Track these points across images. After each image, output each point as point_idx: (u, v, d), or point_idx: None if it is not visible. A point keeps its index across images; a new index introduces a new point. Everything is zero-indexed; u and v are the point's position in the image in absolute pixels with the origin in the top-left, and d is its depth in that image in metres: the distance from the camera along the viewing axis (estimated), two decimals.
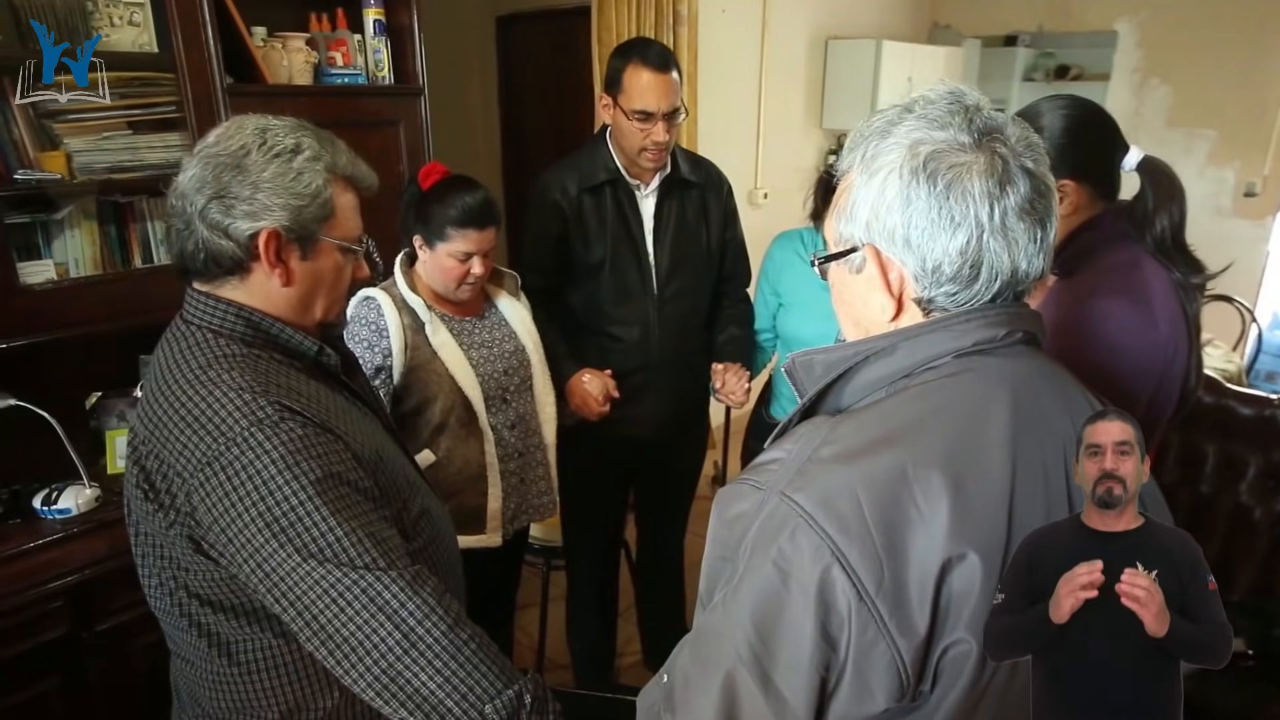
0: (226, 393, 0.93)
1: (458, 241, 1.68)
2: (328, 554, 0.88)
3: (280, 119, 1.04)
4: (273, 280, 1.01)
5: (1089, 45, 5.92)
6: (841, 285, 0.83)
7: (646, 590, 2.50)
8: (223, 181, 0.97)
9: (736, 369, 1.98)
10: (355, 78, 2.16)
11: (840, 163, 0.83)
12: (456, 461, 1.76)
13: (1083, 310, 1.22)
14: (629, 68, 1.81)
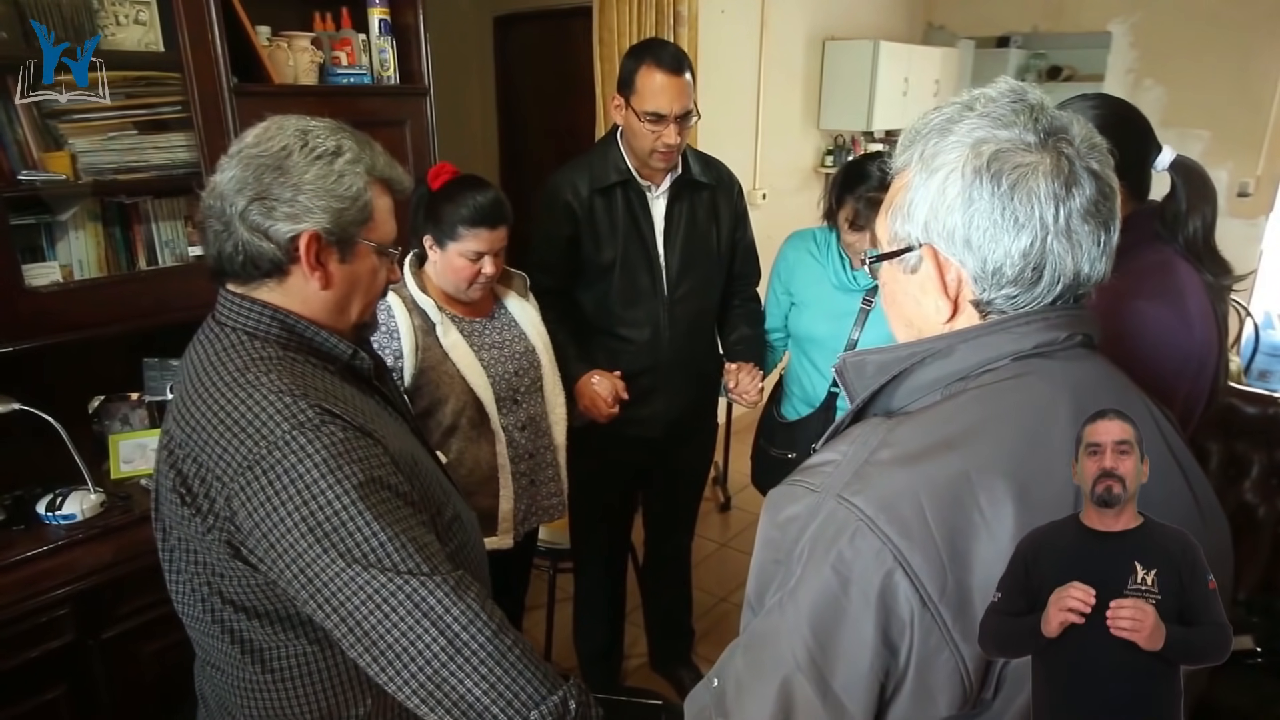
0: (267, 395, 0.91)
1: (469, 241, 1.66)
2: (372, 559, 0.87)
3: (319, 120, 1.03)
4: (311, 283, 1.00)
5: (1081, 46, 5.96)
6: (894, 285, 0.82)
7: (653, 592, 2.49)
8: (264, 183, 0.96)
9: (749, 368, 1.97)
10: (361, 77, 2.14)
11: (894, 160, 0.82)
12: (468, 463, 1.74)
13: (1119, 311, 1.22)
14: (642, 69, 1.80)
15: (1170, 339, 1.19)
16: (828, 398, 2.10)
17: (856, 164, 1.94)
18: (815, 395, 2.11)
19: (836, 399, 2.10)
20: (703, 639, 2.69)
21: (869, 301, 2.03)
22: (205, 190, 0.99)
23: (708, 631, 2.77)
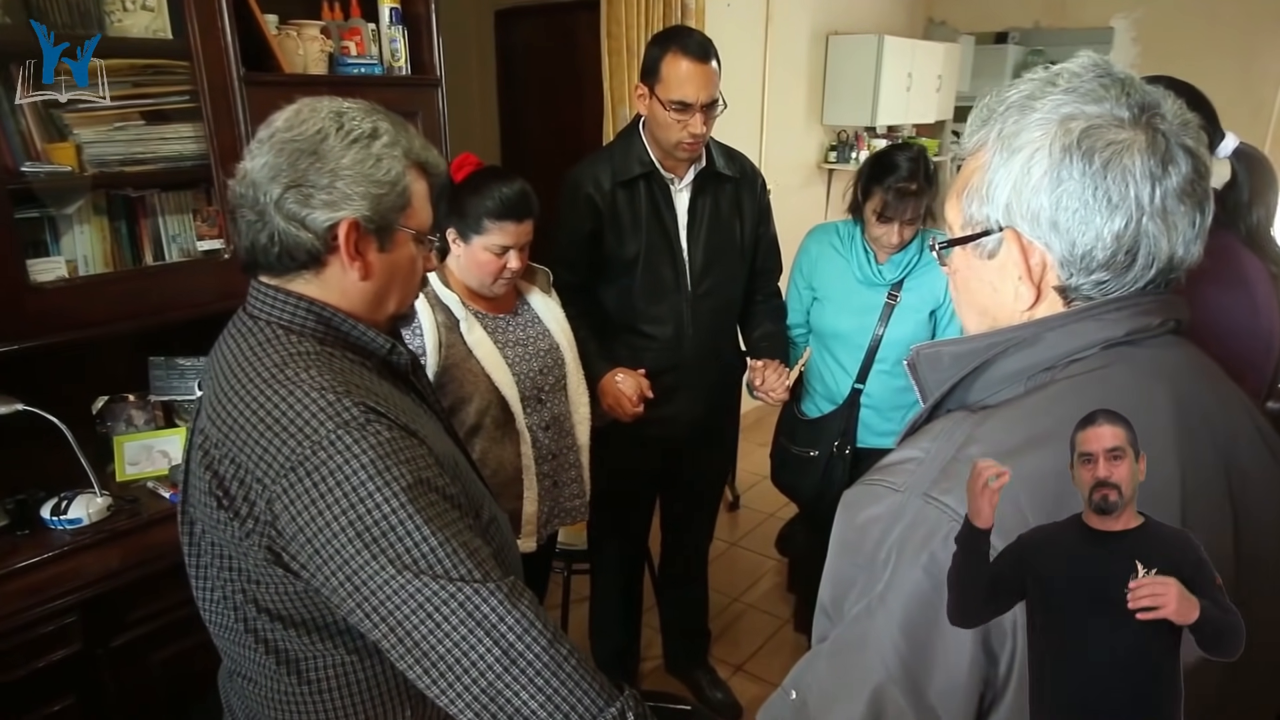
0: (309, 392, 0.86)
1: (495, 234, 1.61)
2: (422, 565, 0.82)
3: (352, 101, 0.98)
4: (350, 274, 0.95)
5: (1080, 43, 5.96)
6: (967, 272, 0.78)
7: (669, 594, 2.44)
8: (299, 169, 0.91)
9: (776, 365, 1.93)
10: (371, 68, 2.08)
11: (965, 140, 0.78)
12: (491, 464, 1.69)
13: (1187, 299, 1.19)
14: (667, 56, 1.75)
15: (1239, 325, 1.16)
16: (851, 394, 2.06)
17: (884, 154, 1.90)
18: (838, 392, 2.08)
19: (860, 395, 2.06)
20: (717, 640, 2.65)
21: (894, 296, 2.00)
22: (235, 178, 0.94)
23: (721, 632, 2.73)
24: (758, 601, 2.93)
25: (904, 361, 0.81)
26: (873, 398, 2.05)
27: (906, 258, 1.97)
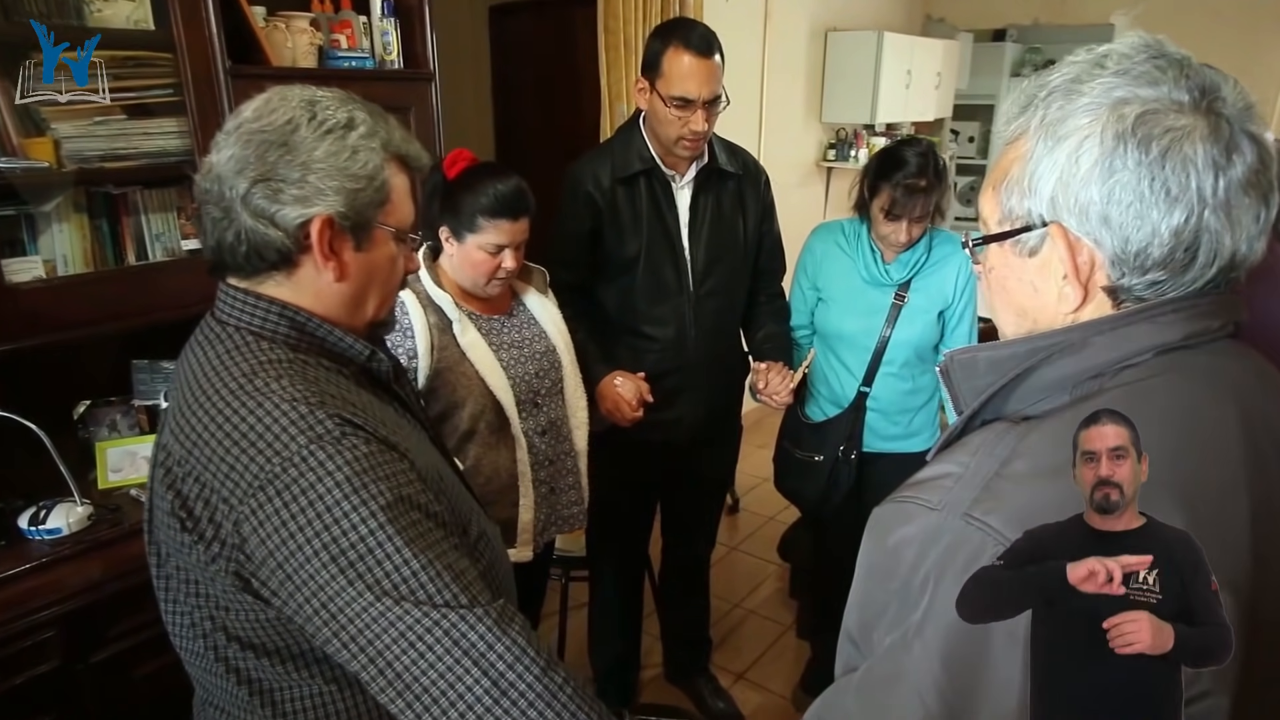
0: (280, 404, 0.80)
1: (489, 233, 1.55)
2: (404, 590, 0.76)
3: (326, 89, 0.92)
4: (324, 275, 0.89)
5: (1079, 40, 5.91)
6: (1004, 270, 0.72)
7: (670, 602, 2.39)
8: (268, 162, 0.85)
9: (779, 368, 1.87)
10: (363, 61, 2.02)
11: (1003, 127, 0.72)
12: (486, 470, 1.63)
13: None
14: (669, 50, 1.70)
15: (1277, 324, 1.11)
16: (857, 397, 2.01)
17: (892, 150, 1.85)
18: (844, 395, 2.02)
19: (867, 399, 2.01)
20: (718, 648, 2.60)
21: (901, 297, 1.94)
22: (200, 173, 0.88)
23: (723, 640, 2.67)
24: (759, 607, 2.88)
25: (936, 368, 0.76)
26: (879, 401, 2.00)
27: (914, 257, 1.92)
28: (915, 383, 2.01)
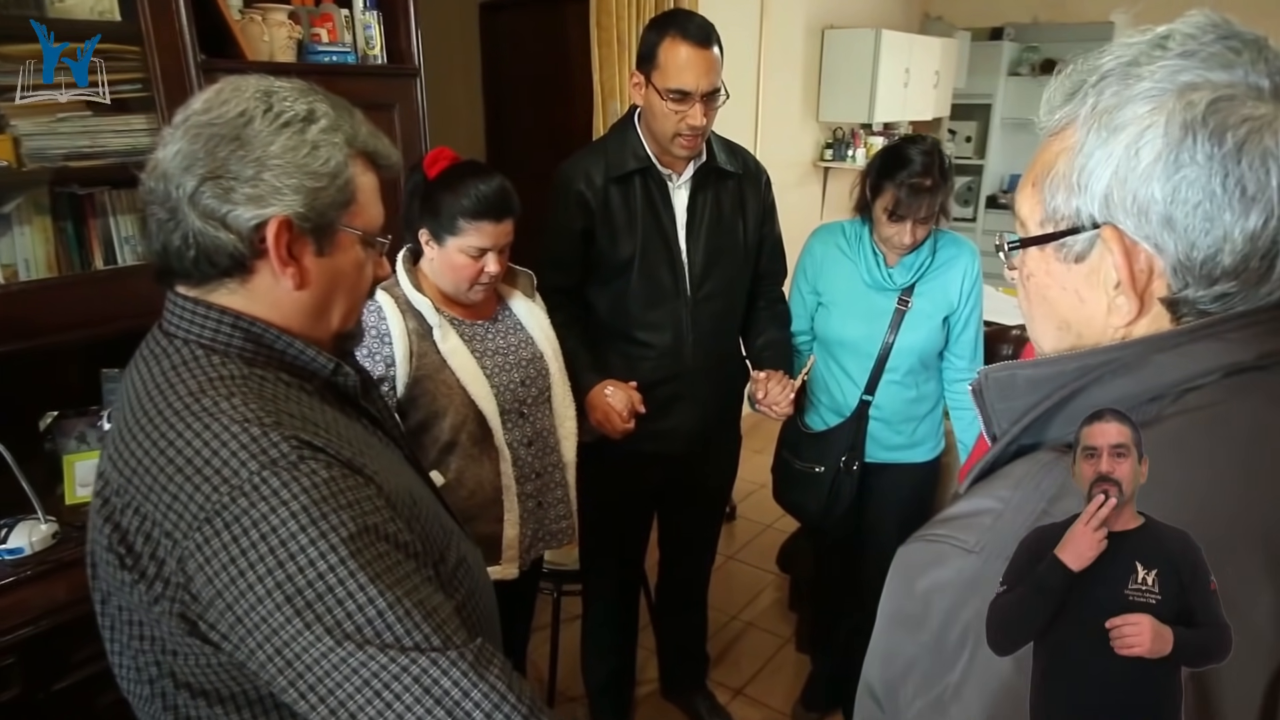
0: (229, 426, 0.72)
1: (471, 235, 1.47)
2: (368, 633, 0.68)
3: (285, 80, 0.85)
4: (282, 282, 0.81)
5: (1079, 38, 5.86)
6: (1045, 278, 0.64)
7: (667, 617, 2.30)
8: (218, 157, 0.77)
9: (779, 377, 1.79)
10: (344, 56, 1.94)
11: (1045, 116, 0.65)
12: (469, 484, 1.55)
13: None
14: (665, 41, 1.62)
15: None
16: (859, 406, 1.93)
17: (895, 148, 1.77)
18: (845, 404, 1.95)
19: (869, 407, 1.93)
20: (716, 662, 2.52)
21: (905, 301, 1.87)
22: (145, 170, 0.80)
23: (721, 654, 2.59)
24: (757, 619, 2.80)
25: (968, 386, 0.68)
26: (882, 410, 1.92)
27: (918, 260, 1.84)
28: (919, 390, 1.93)
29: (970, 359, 1.94)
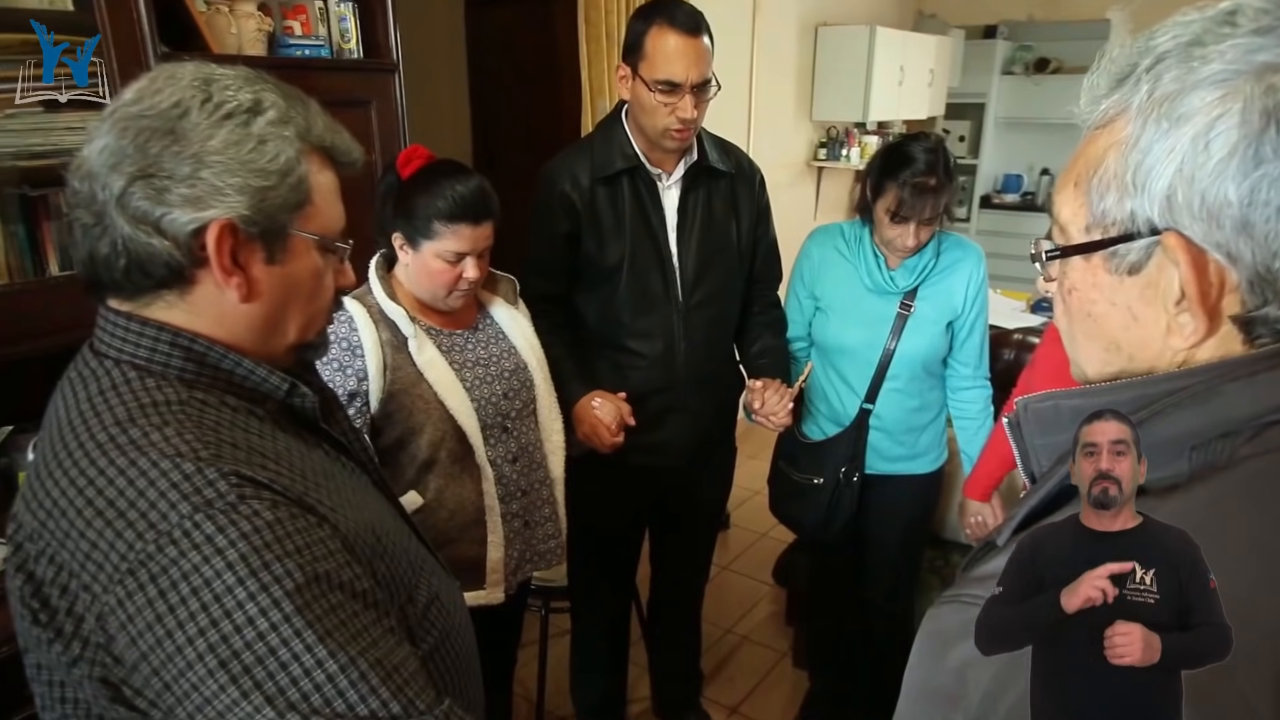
0: (158, 462, 0.64)
1: (448, 239, 1.38)
2: (315, 701, 0.60)
3: (228, 67, 0.76)
4: (227, 293, 0.72)
5: (1074, 36, 5.80)
6: (1091, 292, 0.56)
7: (660, 636, 2.21)
8: (150, 154, 0.68)
9: (777, 386, 1.70)
10: (318, 49, 1.84)
11: (1087, 107, 0.56)
12: (449, 504, 1.46)
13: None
14: (652, 30, 1.53)
15: None
16: (859, 415, 1.85)
17: (897, 146, 1.69)
18: (844, 413, 1.86)
19: (869, 417, 1.85)
20: (711, 679, 2.43)
21: (907, 306, 1.78)
22: (70, 169, 0.71)
23: (715, 670, 2.51)
24: (752, 633, 2.71)
25: (1004, 420, 0.60)
26: (883, 419, 1.83)
27: (921, 263, 1.76)
28: (922, 399, 1.85)
29: (975, 366, 1.86)
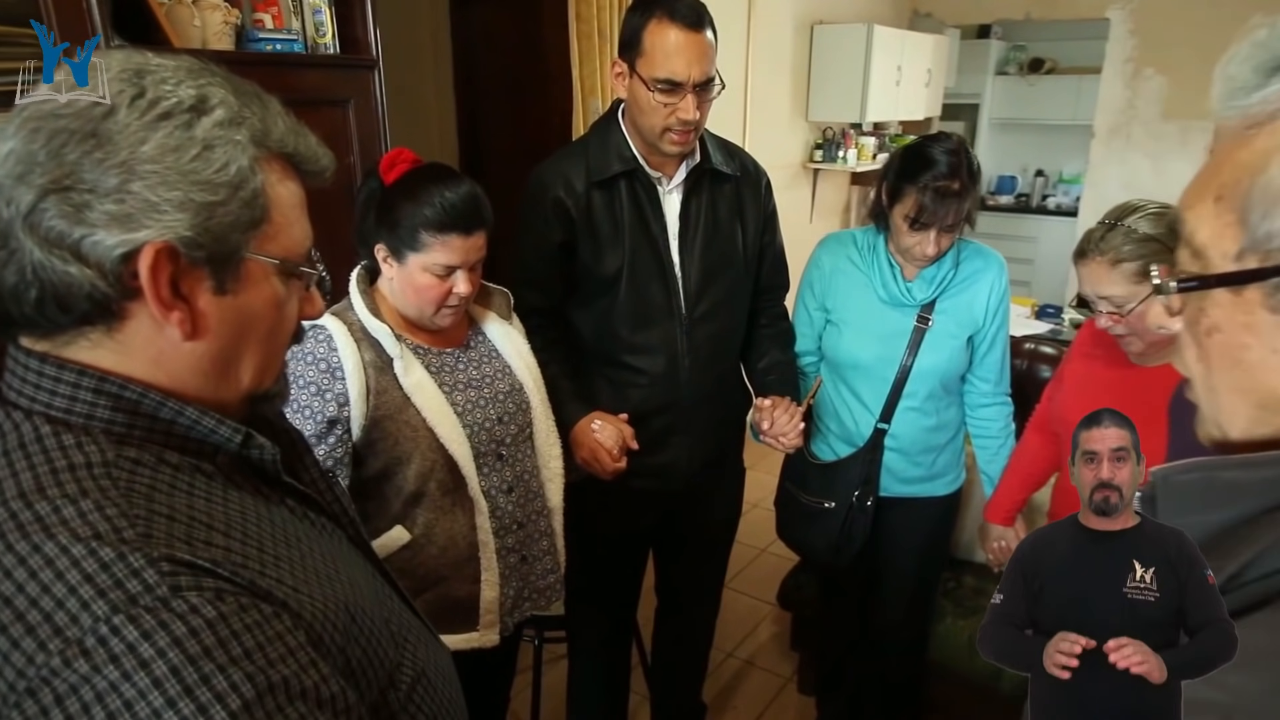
0: (69, 546, 0.51)
1: (437, 251, 1.26)
2: None
3: (169, 56, 0.63)
4: (166, 331, 0.60)
5: (1069, 36, 5.74)
6: (1244, 335, 0.45)
7: (662, 671, 2.09)
8: (66, 162, 0.56)
9: (786, 405, 1.59)
10: (291, 44, 1.71)
11: (1226, 101, 0.46)
12: (439, 540, 1.34)
13: None
14: (651, 24, 1.41)
15: None
16: (873, 435, 1.74)
17: (917, 148, 1.58)
18: (857, 433, 1.75)
19: (884, 437, 1.74)
20: (713, 707, 2.31)
21: (925, 319, 1.67)
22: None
23: (717, 697, 2.38)
24: (755, 656, 2.60)
25: (1137, 497, 0.50)
26: (899, 439, 1.72)
27: (940, 273, 1.65)
28: (939, 418, 1.74)
29: (996, 382, 1.75)
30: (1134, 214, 1.30)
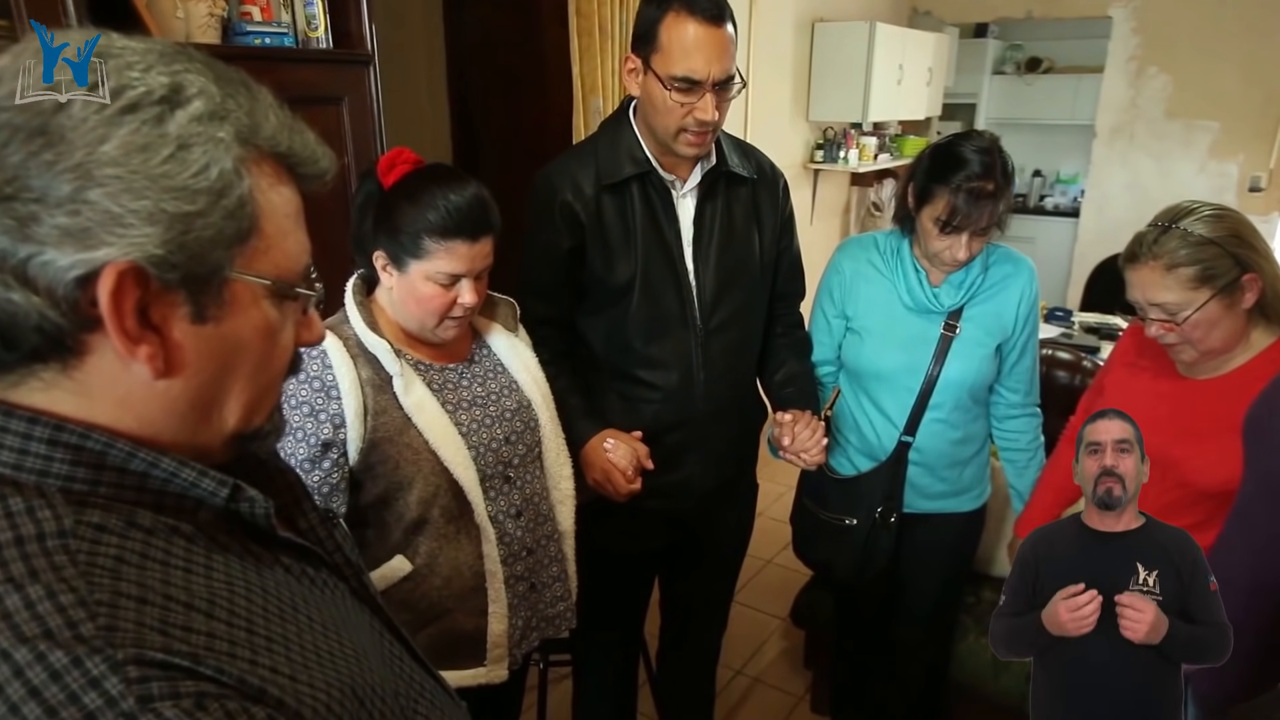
0: (13, 650, 0.41)
1: (440, 258, 1.17)
2: None
3: (137, 39, 0.53)
4: (133, 368, 0.50)
5: (1069, 35, 5.68)
6: None
7: (670, 695, 2.00)
8: (8, 165, 0.46)
9: (807, 419, 1.50)
10: (280, 38, 1.61)
11: None
12: (443, 571, 1.25)
13: None
14: (668, 17, 1.32)
15: None
16: (897, 449, 1.65)
17: (947, 147, 1.50)
18: (880, 446, 1.67)
19: (909, 450, 1.65)
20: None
21: (952, 326, 1.59)
22: None
23: (727, 718, 2.30)
24: (765, 673, 2.51)
25: None
26: (924, 453, 1.64)
27: (968, 279, 1.57)
28: (965, 430, 1.66)
29: (1025, 392, 1.67)
30: (1188, 216, 1.22)
